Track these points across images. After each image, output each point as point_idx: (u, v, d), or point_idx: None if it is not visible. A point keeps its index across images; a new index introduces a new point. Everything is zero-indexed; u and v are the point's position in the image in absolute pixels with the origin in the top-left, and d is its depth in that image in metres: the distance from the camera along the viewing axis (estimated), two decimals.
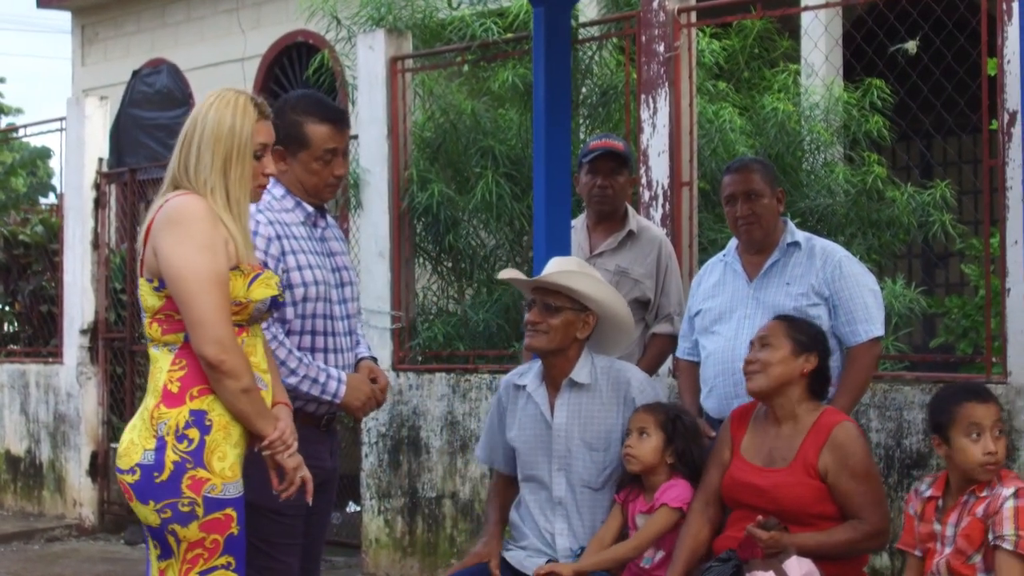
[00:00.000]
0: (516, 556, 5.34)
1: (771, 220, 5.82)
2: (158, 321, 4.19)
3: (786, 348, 4.93)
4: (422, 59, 9.66)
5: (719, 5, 8.30)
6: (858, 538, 4.79)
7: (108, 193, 11.75)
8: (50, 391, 12.01)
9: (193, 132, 4.25)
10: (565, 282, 5.19)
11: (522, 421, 5.36)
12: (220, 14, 16.41)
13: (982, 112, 7.02)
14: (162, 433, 4.06)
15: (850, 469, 4.79)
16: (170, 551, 4.12)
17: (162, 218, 4.17)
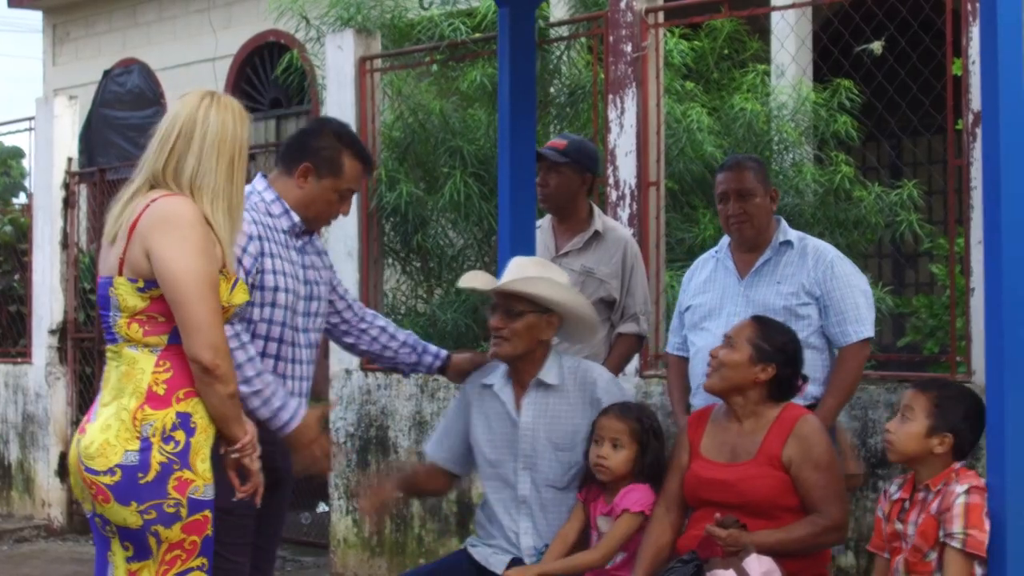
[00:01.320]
0: (482, 552, 5.33)
1: (763, 219, 5.81)
2: (139, 322, 4.13)
3: (744, 353, 4.89)
4: (391, 59, 9.65)
5: (687, 5, 8.30)
6: (818, 532, 4.76)
7: (78, 193, 11.73)
8: (18, 391, 11.98)
9: (192, 134, 4.20)
10: (524, 289, 5.15)
11: (488, 420, 5.34)
12: (191, 14, 16.41)
13: (947, 112, 7.04)
14: (147, 434, 4.02)
15: (813, 461, 4.78)
16: (147, 552, 4.09)
17: (155, 219, 4.11)
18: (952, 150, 7.05)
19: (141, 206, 4.13)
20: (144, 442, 4.02)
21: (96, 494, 4.06)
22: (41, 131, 11.83)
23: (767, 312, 5.58)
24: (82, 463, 4.06)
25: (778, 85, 9.64)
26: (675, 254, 8.58)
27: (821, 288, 5.67)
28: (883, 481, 6.58)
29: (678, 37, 9.18)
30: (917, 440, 4.63)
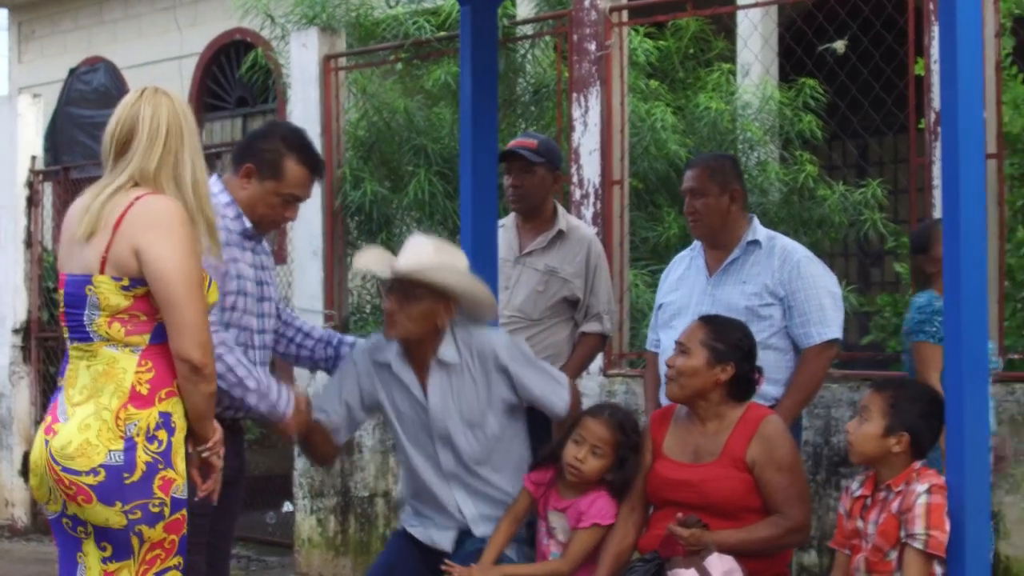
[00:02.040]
0: (425, 532, 5.30)
1: (713, 218, 5.78)
2: (121, 321, 4.09)
3: (702, 357, 4.86)
4: (356, 57, 9.65)
5: (651, 4, 8.31)
6: (780, 534, 4.76)
7: (42, 191, 11.69)
8: None
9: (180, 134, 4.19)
10: (424, 277, 5.02)
11: (394, 398, 5.24)
12: (157, 12, 16.38)
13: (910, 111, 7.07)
14: (131, 434, 3.99)
15: (776, 461, 4.78)
16: (128, 552, 4.06)
17: (144, 218, 4.07)
18: (915, 149, 7.08)
19: (124, 203, 4.08)
20: (128, 442, 3.99)
21: (76, 494, 4.00)
22: (4, 129, 11.78)
23: (730, 312, 5.58)
24: (57, 463, 4.00)
25: (743, 84, 9.67)
26: (639, 253, 8.60)
27: (785, 289, 5.65)
28: (845, 479, 6.60)
29: (643, 36, 9.20)
30: (875, 440, 4.64)
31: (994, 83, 6.73)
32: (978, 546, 4.52)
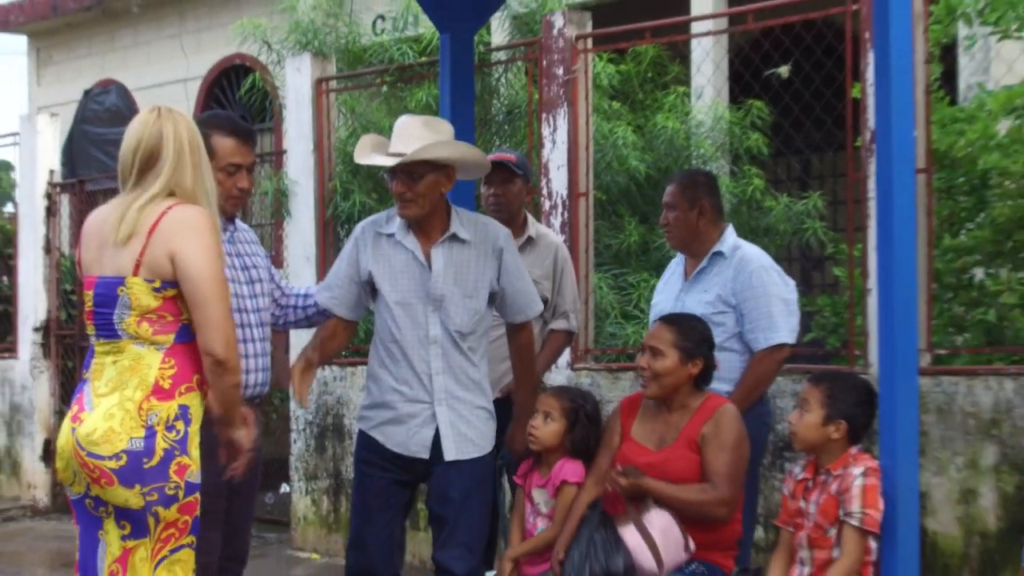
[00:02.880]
0: (393, 434, 5.12)
1: (680, 230, 5.82)
2: (149, 321, 4.12)
3: (675, 357, 4.90)
4: (345, 80, 9.63)
5: (614, 33, 8.29)
6: (706, 500, 4.76)
7: (59, 202, 11.65)
8: (5, 384, 11.91)
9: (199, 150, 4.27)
10: (430, 155, 4.98)
11: (391, 265, 5.14)
12: (164, 39, 16.32)
13: (847, 130, 7.08)
14: (152, 423, 4.03)
15: (720, 440, 4.81)
16: (145, 531, 4.08)
17: (179, 226, 4.11)
18: (852, 165, 7.08)
19: (157, 212, 4.12)
20: (149, 430, 4.03)
21: (99, 477, 4.03)
22: (25, 146, 11.76)
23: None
24: (82, 449, 4.03)
25: (696, 105, 9.68)
26: (603, 259, 8.60)
27: (737, 297, 5.66)
28: (789, 462, 6.61)
29: (606, 61, 9.19)
30: (816, 429, 4.67)
31: (923, 105, 6.74)
32: (909, 523, 4.54)
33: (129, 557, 4.12)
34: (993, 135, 7.19)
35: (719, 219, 5.92)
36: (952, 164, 7.28)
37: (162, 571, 4.13)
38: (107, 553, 4.16)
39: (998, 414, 6.37)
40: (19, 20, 17.81)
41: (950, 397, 6.49)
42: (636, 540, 4.62)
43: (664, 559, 4.64)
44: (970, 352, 6.85)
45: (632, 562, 4.61)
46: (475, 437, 5.11)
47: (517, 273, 5.28)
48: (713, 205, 5.88)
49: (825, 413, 4.66)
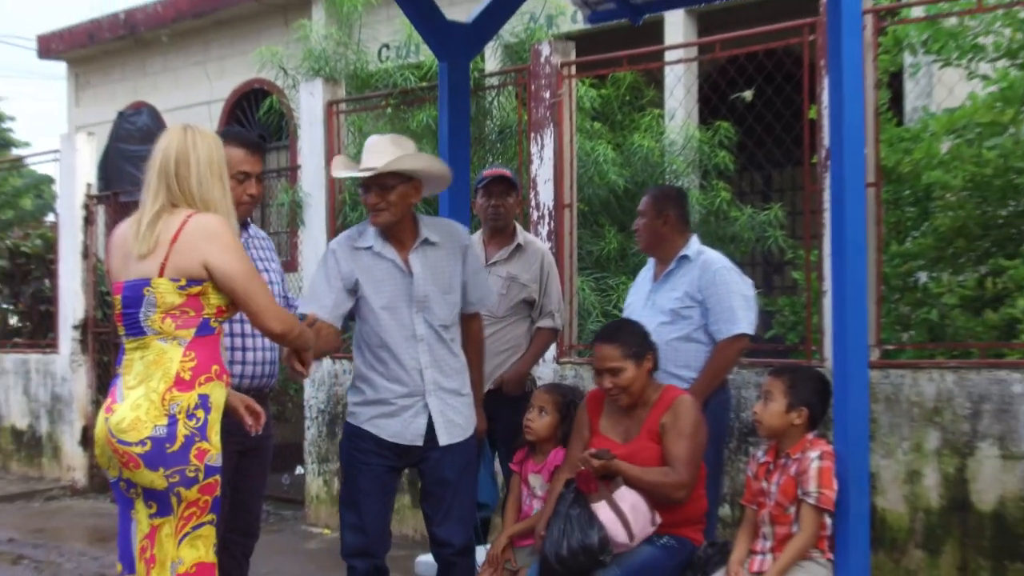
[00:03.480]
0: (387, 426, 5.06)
1: (648, 236, 5.89)
2: (172, 317, 4.09)
3: (631, 367, 4.86)
4: (353, 103, 9.62)
5: (595, 60, 8.30)
6: (666, 483, 4.74)
7: (96, 212, 11.64)
8: (48, 376, 11.87)
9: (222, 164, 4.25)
10: (398, 167, 4.94)
11: (373, 275, 5.07)
12: (191, 65, 16.34)
13: (805, 148, 7.09)
14: (174, 412, 4.01)
15: (678, 428, 4.79)
16: (169, 510, 4.07)
17: (201, 233, 4.09)
18: (809, 179, 7.09)
19: (177, 222, 4.10)
20: (171, 418, 4.01)
21: (128, 462, 4.02)
22: (65, 161, 11.73)
23: (659, 313, 5.73)
24: (113, 436, 4.03)
25: (669, 126, 9.69)
26: (585, 263, 8.60)
27: (703, 293, 5.70)
28: (753, 447, 6.62)
29: (588, 86, 9.20)
30: (780, 416, 4.67)
31: (873, 126, 6.76)
32: (859, 502, 4.55)
33: (156, 534, 4.11)
34: (936, 153, 7.20)
35: (684, 228, 5.95)
36: (899, 179, 7.29)
37: (185, 546, 4.12)
38: (138, 530, 4.16)
39: (940, 403, 6.38)
40: (59, 48, 17.81)
41: (897, 388, 6.51)
42: (608, 515, 4.62)
43: (634, 532, 4.65)
44: (915, 348, 6.86)
45: (605, 535, 4.61)
46: (462, 422, 5.10)
47: (476, 268, 5.28)
48: (678, 216, 5.92)
49: (788, 402, 4.67)
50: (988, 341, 6.58)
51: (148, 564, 4.13)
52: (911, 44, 7.55)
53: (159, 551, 4.12)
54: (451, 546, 5.10)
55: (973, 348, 6.58)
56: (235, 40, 15.59)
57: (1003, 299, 6.68)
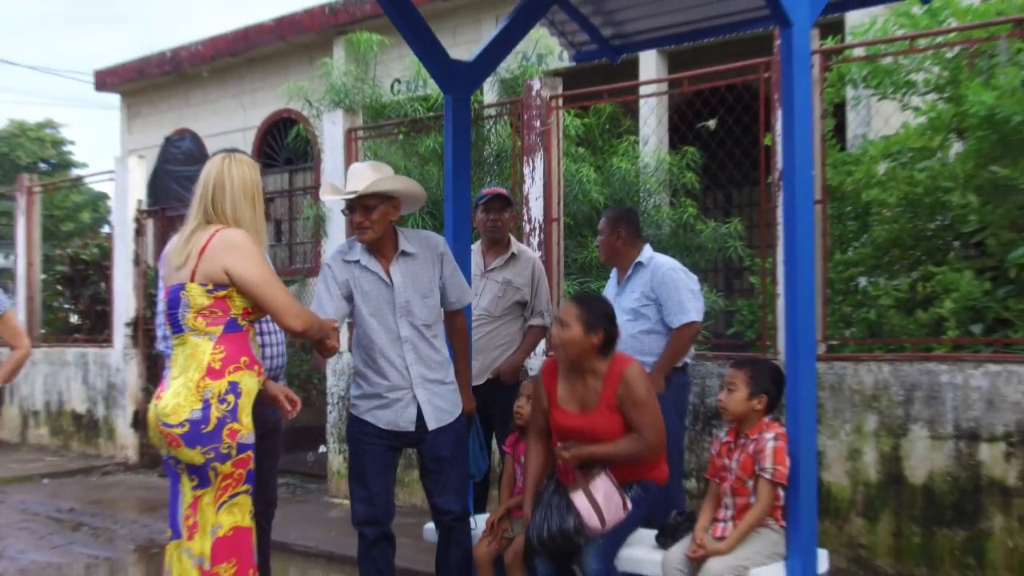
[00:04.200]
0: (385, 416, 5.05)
1: (605, 249, 6.12)
2: (203, 316, 4.13)
3: (578, 329, 4.79)
4: (369, 130, 9.62)
5: (579, 94, 8.31)
6: (638, 448, 4.75)
7: (145, 225, 11.63)
8: (103, 367, 11.87)
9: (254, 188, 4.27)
10: (378, 188, 4.93)
11: (361, 286, 5.05)
12: (228, 96, 16.33)
13: (760, 171, 7.10)
14: (207, 398, 4.04)
15: (632, 399, 4.75)
16: (207, 482, 4.11)
17: (224, 245, 4.12)
18: (764, 197, 7.11)
19: (206, 237, 4.14)
20: (205, 403, 4.04)
21: (171, 442, 4.07)
22: (119, 180, 11.73)
23: (624, 312, 5.85)
24: (159, 420, 4.07)
25: (643, 150, 9.69)
26: (571, 270, 8.61)
27: (656, 292, 5.92)
28: (716, 429, 6.62)
29: (573, 116, 9.21)
30: (743, 403, 4.68)
31: (820, 151, 6.77)
32: (808, 475, 4.55)
33: (198, 503, 4.14)
34: (874, 175, 7.22)
35: (637, 240, 6.13)
36: (842, 197, 7.32)
37: (223, 512, 4.14)
38: (183, 502, 4.19)
39: (877, 391, 6.40)
40: (113, 82, 17.80)
41: (840, 378, 6.52)
42: (584, 504, 4.62)
43: (606, 518, 4.66)
44: (856, 343, 6.87)
45: (581, 521, 4.61)
46: (448, 407, 5.09)
47: (453, 271, 5.22)
48: (628, 231, 6.10)
49: (749, 391, 4.68)
50: (919, 337, 6.59)
51: (191, 530, 4.15)
52: (853, 80, 7.58)
53: (201, 518, 4.14)
54: (450, 513, 5.14)
55: (906, 343, 6.59)
56: (266, 75, 15.58)
57: (932, 301, 6.70)
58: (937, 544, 6.19)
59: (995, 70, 6.94)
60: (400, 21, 5.64)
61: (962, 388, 6.12)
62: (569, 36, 6.48)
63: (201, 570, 4.13)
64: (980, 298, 6.43)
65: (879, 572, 6.38)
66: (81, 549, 7.81)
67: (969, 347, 6.33)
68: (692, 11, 6.06)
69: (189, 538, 4.16)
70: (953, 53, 7.18)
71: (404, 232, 5.17)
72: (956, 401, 6.14)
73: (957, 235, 6.93)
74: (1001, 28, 6.87)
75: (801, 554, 4.50)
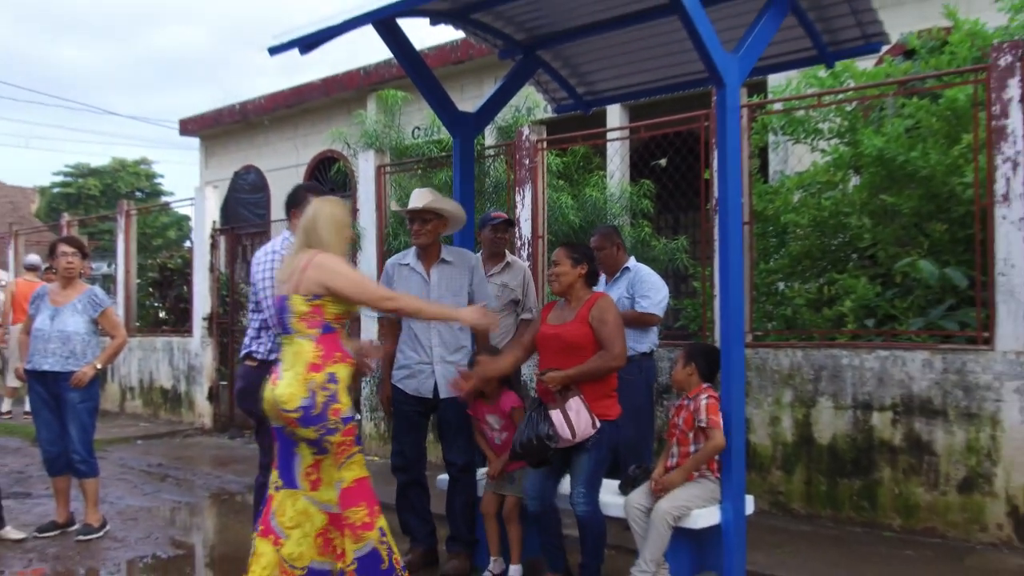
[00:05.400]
0: (412, 384, 5.18)
1: (606, 261, 6.05)
2: (304, 320, 4.13)
3: (567, 264, 4.77)
4: (395, 167, 9.62)
5: (559, 138, 8.34)
6: (605, 361, 4.62)
7: (219, 241, 11.60)
8: (186, 352, 11.84)
9: (343, 223, 4.31)
10: (436, 206, 5.17)
11: (408, 283, 5.21)
12: (284, 140, 16.30)
13: (701, 199, 7.12)
14: (312, 387, 4.01)
15: (602, 319, 4.66)
16: (325, 451, 4.08)
17: (317, 264, 4.15)
18: (704, 219, 7.12)
19: (306, 258, 4.18)
20: (311, 392, 4.02)
21: (288, 422, 4.05)
22: (198, 205, 11.71)
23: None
24: (277, 404, 4.05)
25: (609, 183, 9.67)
26: None
27: (632, 289, 5.94)
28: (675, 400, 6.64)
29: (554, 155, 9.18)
30: (681, 372, 4.70)
31: (748, 183, 6.80)
32: (738, 438, 4.56)
33: (320, 464, 4.13)
34: (790, 202, 7.24)
35: (625, 251, 6.13)
36: (765, 219, 7.33)
37: (344, 470, 4.12)
38: (302, 462, 4.16)
39: (792, 371, 6.41)
40: (194, 128, 17.78)
41: (763, 361, 6.54)
42: (559, 418, 4.52)
43: (577, 432, 4.54)
44: (776, 333, 6.89)
45: (554, 430, 4.52)
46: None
47: (481, 280, 5.36)
48: (621, 242, 6.10)
49: (684, 363, 4.72)
50: (825, 329, 6.62)
51: (315, 484, 4.14)
52: (773, 128, 7.60)
53: (324, 475, 4.14)
54: (455, 465, 5.22)
55: (815, 334, 6.61)
56: (315, 123, 15.55)
57: (835, 301, 6.72)
58: (839, 491, 6.21)
59: (884, 120, 6.97)
60: (419, 81, 5.65)
61: (858, 369, 6.14)
62: (551, 93, 6.49)
63: (330, 514, 4.13)
64: (872, 299, 6.45)
65: (794, 513, 6.39)
66: (166, 496, 7.80)
67: (864, 337, 6.35)
68: (648, 73, 6.08)
69: (312, 489, 4.14)
70: (851, 107, 7.20)
71: (447, 247, 5.34)
72: (854, 379, 6.16)
73: (855, 249, 6.96)
74: (888, 87, 6.91)
75: (732, 499, 4.51)
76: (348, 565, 4.07)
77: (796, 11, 5.07)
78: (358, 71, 14.28)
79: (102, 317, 6.28)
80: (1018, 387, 5.56)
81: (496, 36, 5.84)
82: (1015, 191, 5.62)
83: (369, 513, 4.13)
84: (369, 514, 4.13)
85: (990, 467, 5.63)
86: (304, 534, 4.12)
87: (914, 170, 6.45)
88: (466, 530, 5.23)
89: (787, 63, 5.65)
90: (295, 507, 4.15)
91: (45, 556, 5.83)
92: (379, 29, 5.28)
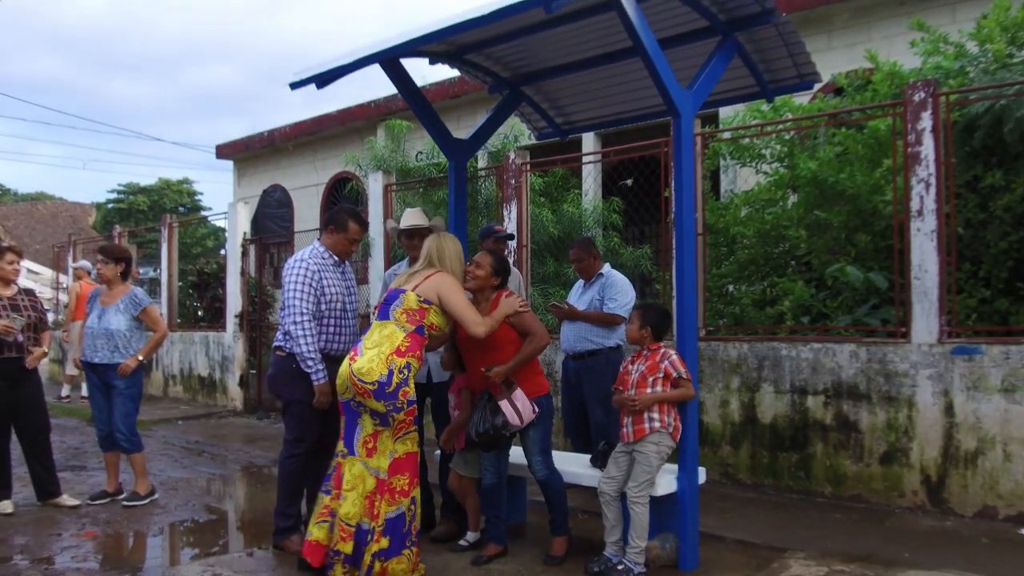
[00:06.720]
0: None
1: (584, 268, 5.99)
2: (407, 315, 4.20)
3: (488, 270, 4.55)
4: (400, 186, 9.60)
5: (541, 161, 8.32)
6: (534, 346, 4.45)
7: (249, 249, 11.52)
8: (219, 345, 11.75)
9: (455, 252, 4.46)
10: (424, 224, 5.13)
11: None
12: (305, 163, 16.23)
13: (662, 213, 7.11)
14: (392, 368, 4.03)
15: (514, 316, 4.47)
16: (387, 424, 4.08)
17: (440, 281, 4.29)
18: (664, 231, 7.12)
19: (431, 272, 4.33)
20: (390, 371, 4.02)
21: (362, 393, 4.03)
22: (231, 219, 11.61)
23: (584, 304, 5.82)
24: (355, 376, 4.03)
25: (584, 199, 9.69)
26: (535, 279, 8.57)
27: (602, 292, 5.83)
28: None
29: (537, 176, 9.19)
30: (636, 332, 4.53)
31: (701, 200, 6.80)
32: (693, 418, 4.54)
33: (378, 435, 4.12)
34: (738, 217, 7.24)
35: (600, 260, 6.06)
36: (716, 231, 7.33)
37: (399, 443, 4.13)
38: (362, 431, 4.15)
39: (739, 361, 6.41)
40: (228, 152, 17.70)
41: (715, 352, 6.54)
42: (507, 408, 4.41)
43: (523, 418, 4.44)
44: (725, 329, 6.89)
45: (505, 419, 4.42)
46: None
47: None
48: (596, 252, 6.06)
49: (640, 324, 4.51)
50: (767, 325, 6.63)
51: (371, 451, 4.15)
52: (723, 153, 7.61)
53: (380, 444, 4.13)
54: None
55: (759, 329, 6.62)
56: (331, 148, 15.51)
57: (776, 301, 6.73)
58: (779, 463, 6.21)
59: (817, 147, 6.99)
60: (420, 113, 5.64)
61: (795, 359, 6.15)
62: (533, 123, 6.49)
63: (378, 479, 4.12)
64: (808, 299, 6.47)
65: (741, 483, 6.40)
66: (203, 468, 7.75)
67: (800, 332, 6.36)
68: (616, 106, 6.08)
69: (368, 456, 4.14)
70: (790, 136, 7.22)
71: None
72: (792, 368, 6.17)
73: (793, 257, 6.97)
74: (821, 119, 6.93)
75: (687, 471, 4.51)
76: (379, 525, 4.07)
77: (742, 53, 5.08)
78: (369, 104, 14.25)
79: (143, 314, 6.22)
80: (931, 374, 5.58)
81: (486, 74, 5.83)
82: (928, 207, 5.65)
83: (410, 483, 4.14)
84: (409, 484, 4.14)
85: (907, 443, 5.65)
86: (358, 495, 4.13)
87: (843, 189, 6.48)
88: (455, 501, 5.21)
89: (734, 97, 5.66)
90: (352, 471, 4.16)
91: (97, 520, 5.79)
92: (385, 68, 5.26)
